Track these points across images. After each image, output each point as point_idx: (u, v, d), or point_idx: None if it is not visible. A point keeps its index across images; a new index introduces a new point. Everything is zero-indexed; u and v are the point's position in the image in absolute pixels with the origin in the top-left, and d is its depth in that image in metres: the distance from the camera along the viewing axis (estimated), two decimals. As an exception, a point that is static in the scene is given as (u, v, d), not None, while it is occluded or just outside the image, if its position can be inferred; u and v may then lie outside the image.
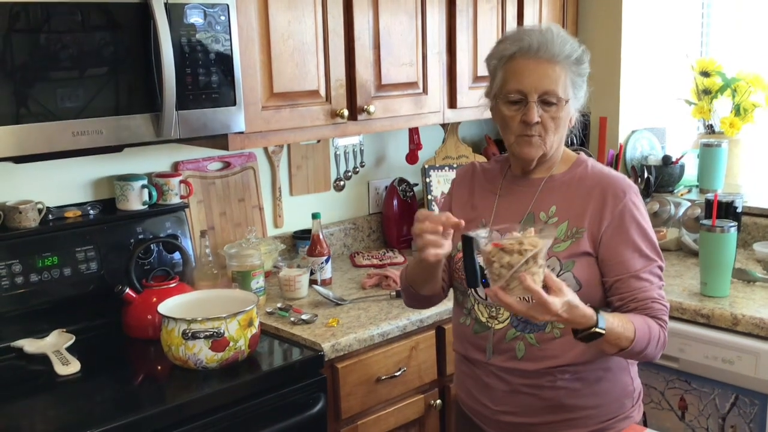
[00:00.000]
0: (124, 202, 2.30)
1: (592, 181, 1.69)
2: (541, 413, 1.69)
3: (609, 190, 1.67)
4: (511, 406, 1.71)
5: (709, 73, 3.11)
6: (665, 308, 1.65)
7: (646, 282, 1.64)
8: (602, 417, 1.70)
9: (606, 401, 1.70)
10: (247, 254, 2.35)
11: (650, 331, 1.59)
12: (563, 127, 1.67)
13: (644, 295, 1.63)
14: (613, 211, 1.65)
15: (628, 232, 1.64)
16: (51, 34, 1.79)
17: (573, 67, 1.64)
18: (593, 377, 1.68)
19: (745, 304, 2.22)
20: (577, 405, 1.68)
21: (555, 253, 1.64)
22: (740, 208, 2.60)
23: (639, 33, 3.11)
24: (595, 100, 3.11)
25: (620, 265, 1.63)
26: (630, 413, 1.74)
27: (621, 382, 1.72)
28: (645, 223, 1.67)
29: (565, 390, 1.67)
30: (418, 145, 3.04)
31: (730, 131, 3.05)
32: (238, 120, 2.12)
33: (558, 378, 1.66)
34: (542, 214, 1.69)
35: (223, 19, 2.04)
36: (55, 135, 1.82)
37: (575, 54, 1.64)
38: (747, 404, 2.15)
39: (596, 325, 1.48)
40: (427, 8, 2.58)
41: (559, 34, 1.65)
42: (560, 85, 1.62)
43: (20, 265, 2.09)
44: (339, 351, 2.06)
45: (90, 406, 1.81)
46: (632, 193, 1.68)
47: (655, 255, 1.67)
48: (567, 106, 1.65)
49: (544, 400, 1.68)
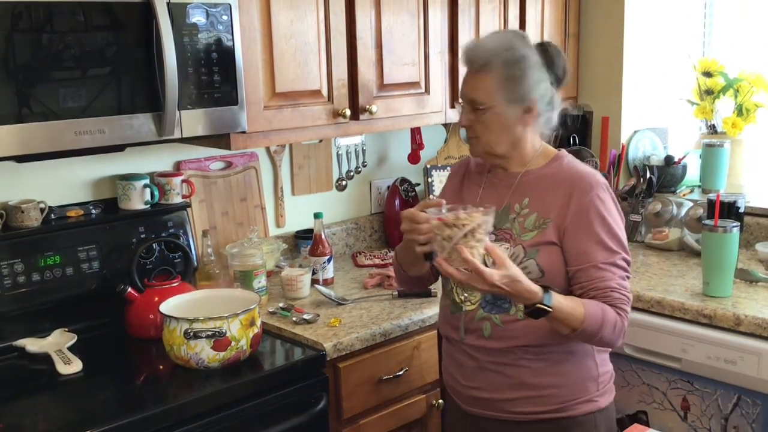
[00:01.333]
0: (126, 202, 2.30)
1: (563, 176, 1.78)
2: (505, 390, 1.79)
3: (577, 184, 1.76)
4: (479, 382, 1.82)
5: (711, 73, 3.11)
6: (625, 298, 1.72)
7: (607, 272, 1.71)
8: (564, 397, 1.78)
9: (567, 382, 1.78)
10: (249, 254, 2.35)
11: (604, 315, 1.67)
12: (500, 129, 1.77)
13: (604, 284, 1.70)
14: (578, 204, 1.73)
15: (592, 225, 1.72)
16: (53, 34, 1.79)
17: (503, 70, 1.73)
18: (555, 359, 1.77)
19: (747, 305, 2.22)
20: (539, 384, 1.77)
21: (522, 241, 1.75)
22: (743, 209, 2.60)
23: (641, 33, 3.11)
24: (597, 99, 3.17)
25: (582, 255, 1.72)
26: (594, 397, 1.81)
27: (584, 365, 1.80)
28: (610, 217, 1.74)
29: (527, 369, 1.77)
30: (420, 144, 3.04)
31: (732, 131, 3.05)
32: (241, 119, 2.12)
33: (521, 357, 1.77)
34: (516, 206, 1.80)
35: (225, 18, 2.04)
36: (57, 134, 1.82)
37: (502, 57, 1.73)
38: (749, 405, 2.15)
39: (542, 301, 1.61)
40: (429, 8, 2.58)
41: (487, 44, 1.77)
42: (482, 92, 1.75)
43: (22, 264, 2.09)
44: (341, 351, 2.06)
45: (92, 406, 1.80)
46: (599, 188, 1.76)
47: (619, 248, 1.74)
48: (493, 109, 1.75)
49: (508, 377, 1.78)
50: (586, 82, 3.19)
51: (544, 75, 1.77)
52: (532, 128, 1.81)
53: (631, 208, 2.95)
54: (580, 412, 1.79)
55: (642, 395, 2.38)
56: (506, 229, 1.79)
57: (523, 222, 1.77)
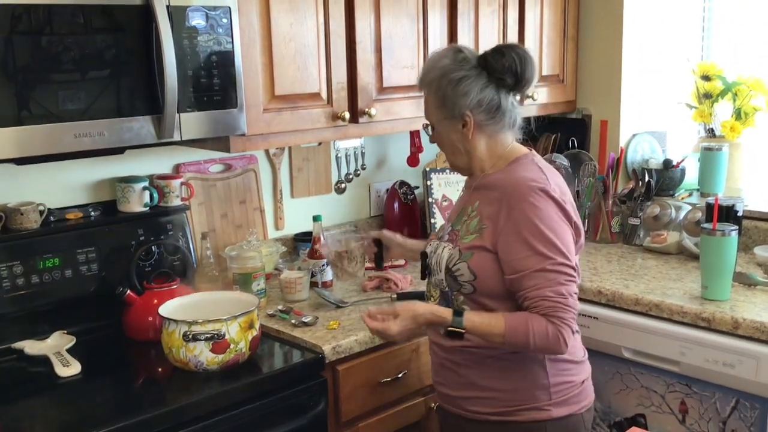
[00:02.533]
0: (125, 204, 2.30)
1: (504, 181, 1.78)
2: (459, 387, 1.86)
3: (509, 191, 1.75)
4: (441, 378, 1.92)
5: (709, 76, 3.11)
6: (560, 305, 1.68)
7: (539, 280, 1.69)
8: (509, 402, 1.80)
9: (513, 388, 1.80)
10: (248, 256, 2.35)
11: (529, 326, 1.67)
12: (449, 142, 1.84)
13: (535, 293, 1.69)
14: (509, 210, 1.73)
15: (521, 232, 1.70)
16: (53, 36, 1.79)
17: (434, 89, 1.81)
18: (498, 364, 1.80)
19: (745, 308, 2.22)
20: (486, 385, 1.82)
21: (461, 244, 1.79)
22: (741, 212, 2.60)
23: (640, 36, 3.11)
24: (596, 103, 3.17)
25: (513, 263, 1.71)
26: (544, 406, 1.80)
27: (531, 373, 1.80)
28: (542, 223, 1.70)
29: (475, 369, 1.82)
30: (419, 147, 3.05)
31: (730, 135, 3.05)
32: (240, 122, 2.13)
33: (467, 357, 1.82)
34: (469, 208, 1.84)
35: (225, 21, 2.05)
36: (57, 136, 1.82)
37: (431, 76, 1.81)
38: (748, 408, 2.15)
39: (452, 324, 1.70)
40: (429, 11, 2.59)
41: (428, 62, 1.86)
42: (428, 113, 1.87)
43: (21, 266, 2.09)
44: (340, 353, 2.06)
45: (90, 408, 1.81)
46: (532, 194, 1.71)
47: (554, 253, 1.69)
48: (438, 126, 1.84)
49: (461, 376, 1.85)
50: (585, 86, 3.19)
51: (476, 84, 1.76)
52: (483, 136, 1.81)
53: (629, 211, 2.95)
54: (527, 419, 1.79)
55: (640, 398, 2.38)
56: (456, 230, 1.84)
57: (468, 225, 1.81)
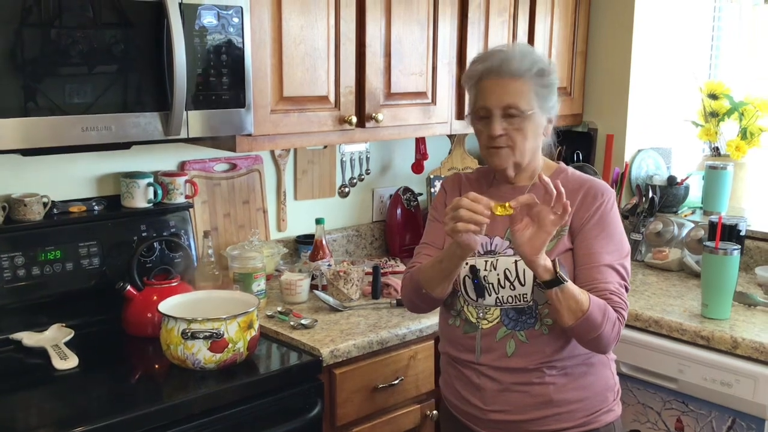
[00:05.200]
0: (129, 200, 2.31)
1: (574, 185, 1.79)
2: (531, 410, 1.77)
3: (591, 190, 1.79)
4: (502, 405, 1.78)
5: (717, 95, 3.12)
6: (623, 303, 1.72)
7: (608, 275, 1.72)
8: (588, 410, 1.79)
9: (590, 395, 1.79)
10: (250, 256, 2.35)
11: (606, 310, 1.67)
12: (533, 136, 1.77)
13: (603, 286, 1.71)
14: (592, 207, 1.76)
15: (603, 228, 1.75)
16: (63, 29, 1.80)
17: (536, 79, 1.75)
18: (578, 372, 1.78)
19: (745, 328, 2.22)
20: (565, 399, 1.77)
21: None
22: (744, 232, 2.60)
23: (649, 52, 3.12)
24: (602, 117, 3.18)
25: (588, 256, 1.74)
26: (612, 407, 1.84)
27: (603, 376, 1.82)
28: (619, 225, 1.79)
29: (553, 385, 1.76)
30: (424, 155, 3.05)
31: (736, 154, 3.06)
32: (247, 122, 2.13)
33: (546, 374, 1.76)
34: None
35: (236, 21, 2.05)
36: (64, 129, 1.82)
37: (536, 67, 1.75)
38: (744, 428, 2.14)
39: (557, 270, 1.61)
40: (439, 19, 2.59)
41: (522, 51, 1.78)
42: (522, 98, 1.73)
43: (23, 257, 2.09)
44: (337, 357, 2.06)
45: (86, 402, 1.81)
46: (611, 195, 1.81)
47: (623, 255, 1.76)
48: (532, 116, 1.75)
49: (534, 396, 1.76)
50: (592, 100, 3.19)
51: None
52: (541, 141, 1.83)
53: (632, 226, 2.95)
54: (602, 423, 1.80)
55: (636, 414, 2.38)
56: None
57: None
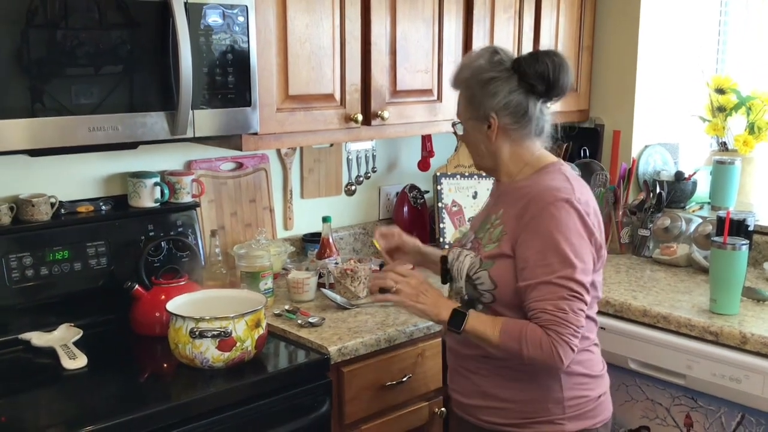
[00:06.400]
0: (136, 199, 2.31)
1: (529, 189, 1.75)
2: (473, 396, 1.84)
3: (533, 198, 1.72)
4: (455, 385, 1.90)
5: (724, 90, 3.11)
6: (558, 319, 1.64)
7: (543, 292, 1.66)
8: (522, 414, 1.78)
9: (526, 399, 1.78)
10: (257, 255, 2.35)
11: (523, 335, 1.66)
12: (476, 142, 1.83)
13: (536, 304, 1.67)
14: (529, 218, 1.70)
15: (536, 241, 1.68)
16: (69, 30, 1.80)
17: (465, 86, 1.80)
18: (510, 374, 1.77)
19: (754, 323, 2.21)
20: (499, 395, 1.80)
21: (483, 252, 1.77)
22: (752, 227, 2.59)
23: (655, 47, 3.11)
24: (609, 113, 3.17)
25: (524, 271, 1.70)
26: (557, 420, 1.77)
27: (544, 385, 1.77)
28: (559, 234, 1.66)
29: (489, 378, 1.80)
30: (430, 152, 3.05)
31: (743, 149, 3.04)
32: (253, 121, 2.13)
33: (482, 366, 1.80)
34: (493, 216, 1.82)
35: (241, 20, 2.05)
36: (71, 129, 1.83)
37: (460, 78, 1.81)
38: (753, 424, 2.13)
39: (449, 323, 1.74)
40: (445, 16, 2.59)
41: (465, 61, 1.84)
42: (459, 109, 1.85)
43: (31, 258, 2.10)
44: (345, 355, 2.06)
45: (95, 401, 1.81)
46: (555, 204, 1.68)
47: (564, 267, 1.65)
48: (468, 124, 1.83)
49: (475, 384, 1.83)
50: (599, 95, 3.19)
51: (505, 87, 1.73)
52: (508, 140, 1.78)
53: (639, 222, 2.94)
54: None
55: (645, 410, 2.37)
56: (479, 238, 1.82)
57: (491, 233, 1.78)
